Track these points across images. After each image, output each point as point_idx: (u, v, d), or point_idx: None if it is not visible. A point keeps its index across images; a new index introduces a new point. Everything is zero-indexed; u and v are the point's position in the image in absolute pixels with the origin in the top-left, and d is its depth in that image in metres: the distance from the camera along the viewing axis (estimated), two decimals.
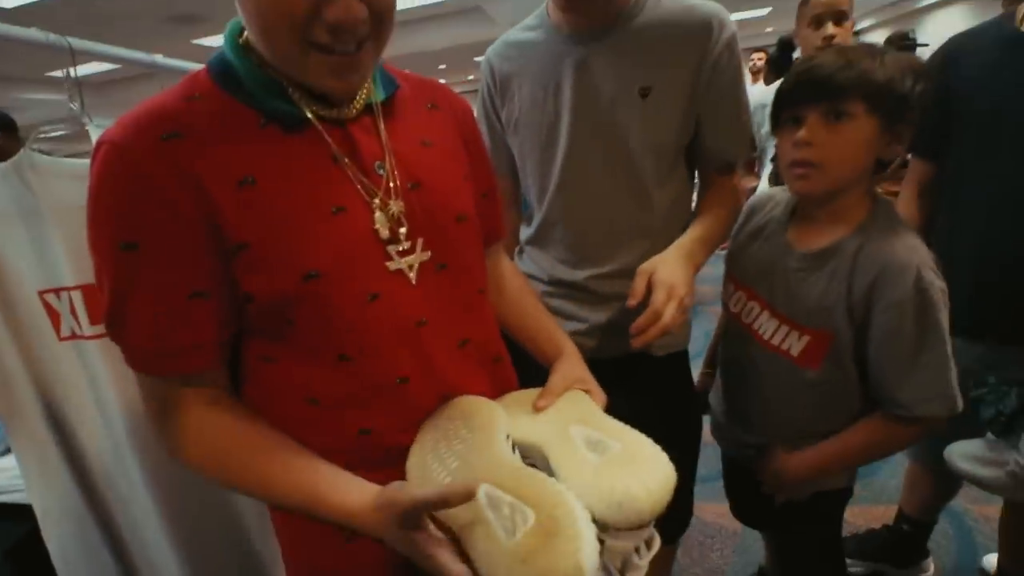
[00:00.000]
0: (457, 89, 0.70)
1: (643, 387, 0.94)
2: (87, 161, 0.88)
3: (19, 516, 0.97)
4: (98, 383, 0.92)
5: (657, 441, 0.53)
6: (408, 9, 6.14)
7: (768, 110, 0.85)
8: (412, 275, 0.54)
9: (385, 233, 0.52)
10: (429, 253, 0.55)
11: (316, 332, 0.50)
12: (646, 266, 0.76)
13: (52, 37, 0.80)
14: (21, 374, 0.83)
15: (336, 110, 0.52)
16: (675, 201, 0.92)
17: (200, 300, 0.47)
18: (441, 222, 0.57)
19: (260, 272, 0.47)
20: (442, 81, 0.74)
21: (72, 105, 0.85)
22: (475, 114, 0.77)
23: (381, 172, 0.53)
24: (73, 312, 0.89)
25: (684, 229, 0.87)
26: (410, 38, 6.81)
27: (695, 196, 0.99)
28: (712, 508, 1.68)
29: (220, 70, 0.50)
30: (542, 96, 0.89)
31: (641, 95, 0.83)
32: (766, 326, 0.86)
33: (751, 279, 0.89)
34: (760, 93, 2.66)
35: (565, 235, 0.94)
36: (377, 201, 0.52)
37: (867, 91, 0.71)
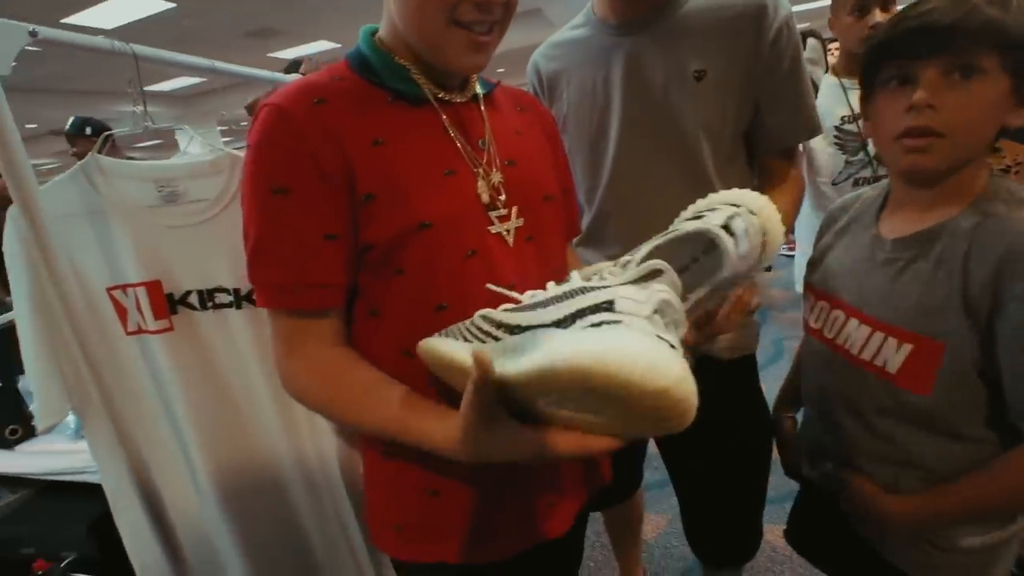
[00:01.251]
0: None
1: (706, 393, 0.88)
2: (148, 162, 0.93)
3: (99, 494, 1.03)
4: (160, 376, 0.96)
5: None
6: None
7: None
8: (509, 238, 0.60)
9: (486, 198, 0.58)
10: (522, 220, 0.61)
11: (421, 280, 0.56)
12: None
13: (118, 45, 0.84)
14: (91, 367, 0.87)
15: (448, 93, 0.60)
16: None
17: (333, 242, 0.54)
18: (532, 197, 0.63)
19: (381, 220, 0.54)
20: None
21: (135, 109, 0.88)
22: None
23: (483, 147, 0.61)
24: (139, 307, 0.93)
25: None
26: None
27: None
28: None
29: (357, 60, 0.59)
30: (591, 88, 0.87)
31: (696, 78, 0.80)
32: (854, 337, 0.70)
33: (833, 284, 0.75)
34: None
35: (619, 229, 0.90)
36: (480, 170, 0.59)
37: (1001, 41, 0.56)
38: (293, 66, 2.04)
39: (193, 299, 0.96)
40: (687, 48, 0.80)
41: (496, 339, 0.43)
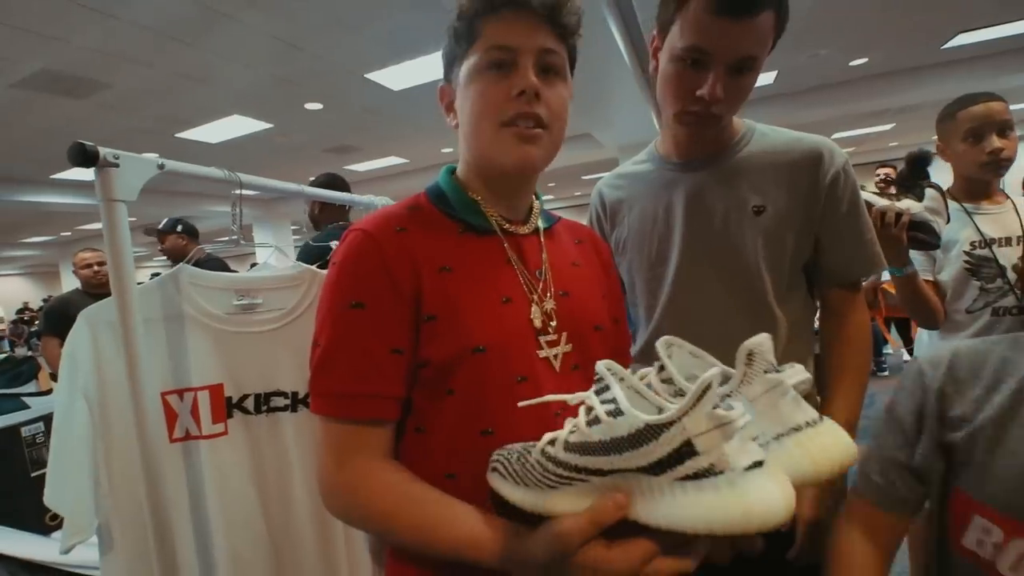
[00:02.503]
0: (564, 204, 0.80)
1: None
2: (233, 275, 1.01)
3: None
4: (199, 483, 0.94)
5: None
6: None
7: None
8: (556, 363, 0.62)
9: (538, 323, 0.61)
10: (571, 346, 0.64)
11: (470, 402, 0.58)
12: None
13: (227, 173, 0.96)
14: (127, 475, 0.86)
15: (513, 225, 0.66)
16: (798, 320, 0.88)
17: (397, 356, 0.57)
18: (582, 326, 0.66)
19: (440, 340, 0.57)
20: (550, 197, 0.80)
21: (232, 227, 0.98)
22: None
23: (540, 277, 0.65)
24: (194, 412, 0.94)
25: (806, 350, 0.89)
26: None
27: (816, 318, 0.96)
28: None
29: (435, 194, 0.66)
30: (652, 216, 0.92)
31: (755, 212, 0.85)
32: None
33: (1018, 502, 0.53)
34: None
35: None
36: (535, 297, 0.63)
37: None
38: (328, 180, 2.27)
39: (249, 403, 0.99)
40: (747, 185, 0.86)
41: (583, 481, 0.45)
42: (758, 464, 0.39)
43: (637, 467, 0.41)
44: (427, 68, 4.23)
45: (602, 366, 0.46)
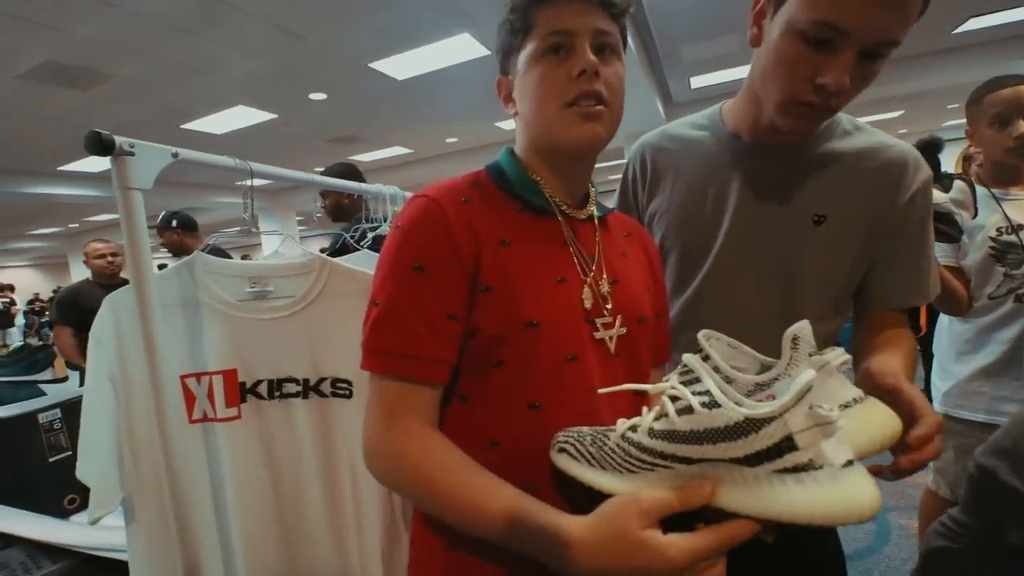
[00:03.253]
0: None
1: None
2: (245, 263, 1.03)
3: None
4: (218, 463, 0.98)
5: None
6: None
7: None
8: (611, 345, 0.64)
9: (588, 304, 0.62)
10: (625, 329, 0.65)
11: (518, 376, 0.59)
12: (883, 363, 0.65)
13: (239, 162, 0.97)
14: (150, 454, 0.89)
15: (572, 209, 0.67)
16: (828, 332, 0.80)
17: (453, 322, 0.58)
18: (629, 316, 0.67)
19: (494, 311, 0.58)
20: None
21: (245, 215, 0.99)
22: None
23: (593, 262, 0.66)
24: (209, 395, 0.97)
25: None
26: None
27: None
28: None
29: (496, 172, 0.67)
30: (700, 196, 0.82)
31: (815, 222, 0.75)
32: None
33: None
34: None
35: (688, 343, 0.87)
36: (589, 280, 0.64)
37: None
38: (341, 170, 2.28)
39: (262, 388, 1.00)
40: (813, 189, 0.76)
41: (667, 468, 0.46)
42: (851, 462, 0.41)
43: (731, 458, 0.42)
44: (431, 57, 4.21)
45: (692, 358, 0.48)
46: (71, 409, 1.52)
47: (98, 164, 6.44)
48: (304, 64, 4.17)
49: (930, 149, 2.19)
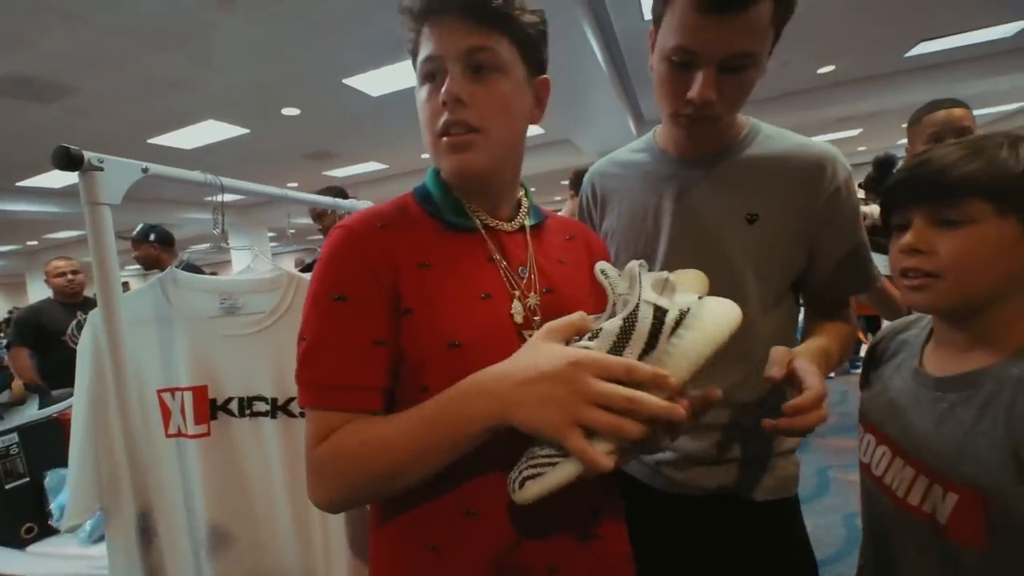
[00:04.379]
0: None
1: (744, 537, 0.84)
2: (216, 278, 1.02)
3: None
4: (190, 478, 0.97)
5: None
6: None
7: None
8: None
9: (519, 319, 0.62)
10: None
11: None
12: (783, 351, 0.70)
13: (210, 177, 0.96)
14: (126, 468, 0.89)
15: (497, 221, 0.67)
16: (780, 329, 0.85)
17: (380, 347, 0.58)
18: None
19: (415, 333, 0.58)
20: None
21: (215, 231, 0.98)
22: None
23: (523, 274, 0.66)
24: (183, 411, 0.96)
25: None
26: None
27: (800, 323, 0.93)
28: None
29: (421, 194, 0.67)
30: (642, 211, 0.89)
31: (748, 220, 0.81)
32: (899, 479, 0.67)
33: (879, 417, 0.73)
34: None
35: None
36: (517, 293, 0.63)
37: (993, 188, 0.58)
38: (330, 191, 2.28)
39: (233, 406, 0.99)
40: (742, 191, 0.81)
41: None
42: (699, 297, 0.53)
43: (641, 352, 0.50)
44: (405, 74, 4.24)
45: (578, 316, 0.54)
46: (30, 433, 1.46)
47: (60, 179, 6.24)
48: (277, 79, 4.14)
49: (885, 164, 2.29)
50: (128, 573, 0.93)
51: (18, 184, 6.34)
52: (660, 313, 0.50)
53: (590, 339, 0.51)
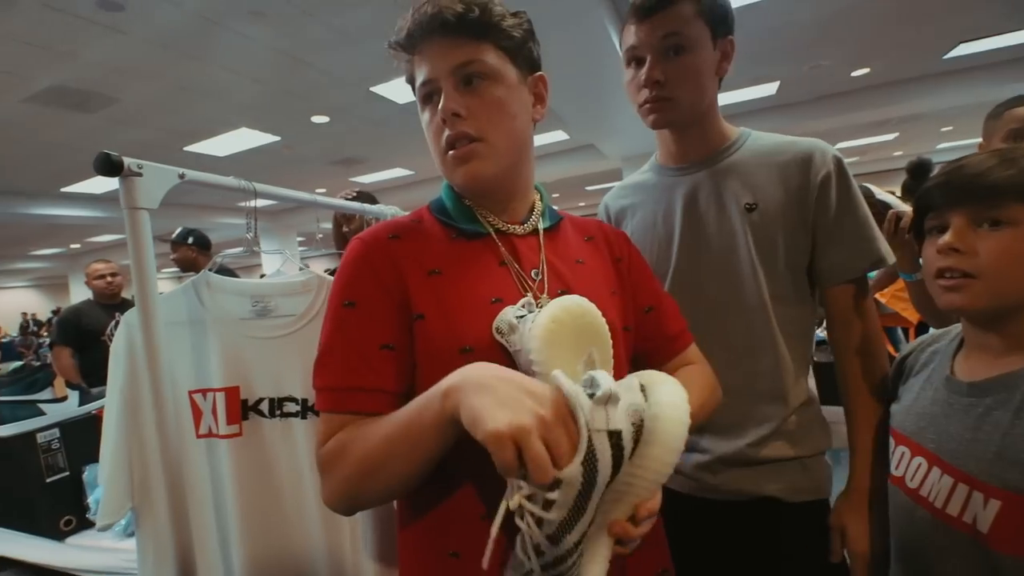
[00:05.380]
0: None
1: (774, 540, 0.85)
2: (248, 281, 1.04)
3: None
4: (220, 478, 0.98)
5: None
6: (535, 147, 6.84)
7: None
8: None
9: None
10: None
11: None
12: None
13: (243, 182, 0.99)
14: (158, 467, 0.91)
15: (509, 226, 0.68)
16: (796, 320, 0.89)
17: (388, 352, 0.59)
18: None
19: (428, 339, 0.59)
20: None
21: (248, 235, 1.01)
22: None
23: (537, 277, 0.66)
24: (214, 411, 0.98)
25: (805, 343, 0.91)
26: None
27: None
28: None
29: (435, 205, 0.70)
30: (653, 220, 0.96)
31: (748, 209, 0.87)
32: (937, 489, 0.65)
33: (913, 428, 0.72)
34: None
35: None
36: (529, 295, 0.63)
37: None
38: (360, 197, 2.28)
39: (264, 406, 1.01)
40: (739, 184, 0.88)
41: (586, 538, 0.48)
42: (642, 389, 0.48)
43: (607, 488, 0.45)
44: None
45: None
46: (70, 429, 1.52)
47: (101, 185, 6.50)
48: (307, 88, 4.24)
49: (920, 169, 2.22)
50: (157, 571, 0.95)
51: (62, 190, 6.63)
52: (616, 439, 0.44)
53: (548, 491, 0.44)
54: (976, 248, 0.62)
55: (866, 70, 5.38)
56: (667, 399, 0.47)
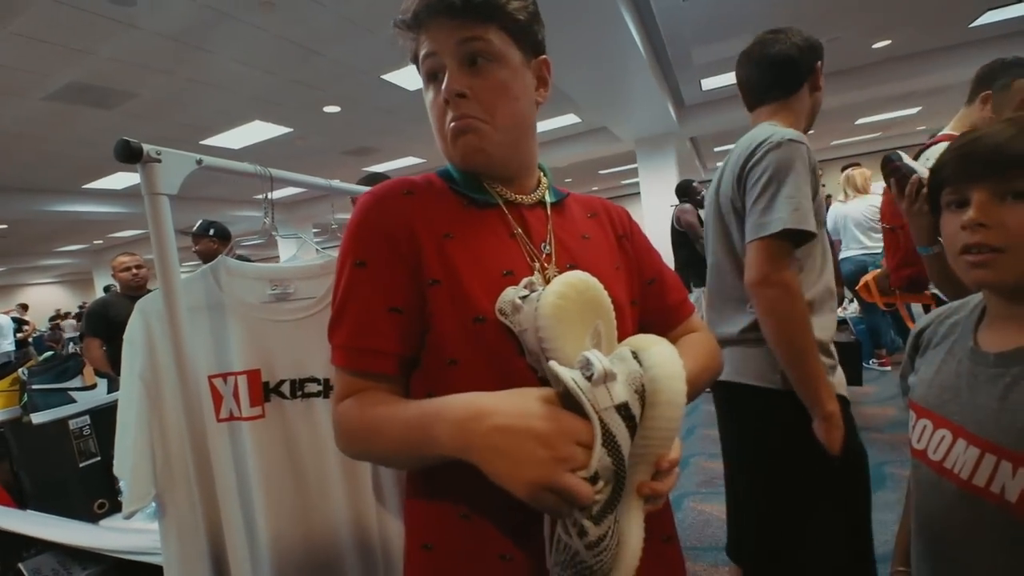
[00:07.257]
0: None
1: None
2: (266, 265, 1.05)
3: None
4: (243, 461, 1.00)
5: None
6: (546, 131, 6.78)
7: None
8: None
9: None
10: None
11: (473, 373, 0.58)
12: None
13: (259, 168, 1.00)
14: (181, 452, 0.92)
15: (518, 197, 0.68)
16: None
17: (396, 315, 0.60)
18: None
19: (444, 305, 0.59)
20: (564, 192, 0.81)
21: (265, 221, 1.02)
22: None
23: (546, 250, 0.66)
24: (235, 395, 0.99)
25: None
26: (542, 157, 7.47)
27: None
28: None
29: (443, 172, 0.69)
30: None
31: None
32: (962, 461, 0.65)
33: (936, 401, 0.71)
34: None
35: None
36: (538, 266, 0.64)
37: None
38: (369, 179, 2.29)
39: (285, 388, 1.02)
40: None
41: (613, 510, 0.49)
42: (634, 355, 0.51)
43: (631, 456, 0.48)
44: None
45: None
46: (100, 416, 1.56)
47: (122, 181, 6.62)
48: (317, 78, 4.25)
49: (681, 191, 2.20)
50: (180, 557, 0.97)
51: (84, 186, 6.76)
52: (624, 410, 0.47)
53: (592, 482, 0.46)
54: (1003, 221, 0.61)
55: (887, 41, 5.21)
56: (659, 359, 0.50)
